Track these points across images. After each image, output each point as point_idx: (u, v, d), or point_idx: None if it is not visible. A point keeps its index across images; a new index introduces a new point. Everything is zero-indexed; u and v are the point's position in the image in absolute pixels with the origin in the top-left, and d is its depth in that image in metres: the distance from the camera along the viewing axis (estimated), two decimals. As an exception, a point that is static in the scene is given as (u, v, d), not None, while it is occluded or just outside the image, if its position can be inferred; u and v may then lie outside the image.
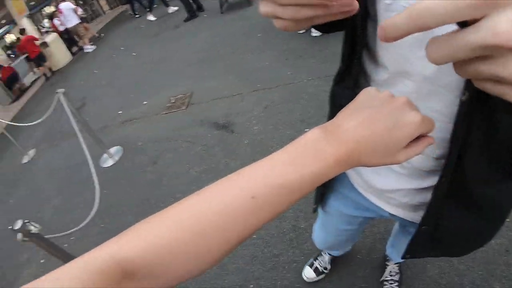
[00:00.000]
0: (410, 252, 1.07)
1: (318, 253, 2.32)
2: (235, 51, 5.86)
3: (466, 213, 0.87)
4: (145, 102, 5.71)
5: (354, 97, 0.50)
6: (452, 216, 0.88)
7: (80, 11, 12.48)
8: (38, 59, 11.26)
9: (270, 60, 5.17)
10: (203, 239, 0.41)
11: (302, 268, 2.41)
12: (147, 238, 0.41)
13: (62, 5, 11.04)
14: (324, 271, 2.27)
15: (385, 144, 0.43)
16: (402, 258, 1.08)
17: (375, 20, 0.72)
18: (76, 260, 0.39)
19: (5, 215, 4.96)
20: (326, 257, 2.27)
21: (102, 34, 12.92)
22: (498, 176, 0.78)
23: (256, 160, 0.46)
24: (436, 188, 0.82)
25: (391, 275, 2.13)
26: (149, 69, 7.00)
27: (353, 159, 0.44)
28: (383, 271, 2.18)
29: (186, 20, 8.81)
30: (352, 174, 1.13)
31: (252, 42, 5.87)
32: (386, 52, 0.74)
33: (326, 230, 1.65)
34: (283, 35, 5.49)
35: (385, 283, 2.13)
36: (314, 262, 2.30)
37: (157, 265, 0.41)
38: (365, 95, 0.48)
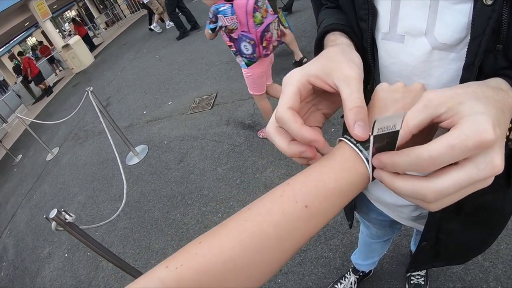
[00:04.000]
0: (414, 266, 1.07)
1: (341, 275, 2.29)
2: (259, 54, 5.84)
3: (466, 225, 0.85)
4: (170, 103, 5.76)
5: None
6: (452, 229, 0.86)
7: None
8: (37, 77, 11.69)
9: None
10: (264, 253, 0.40)
11: (329, 263, 2.41)
12: (201, 260, 0.39)
13: None
14: None
15: None
16: (406, 272, 1.08)
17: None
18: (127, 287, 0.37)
19: (29, 210, 5.05)
20: (351, 278, 2.22)
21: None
22: (495, 185, 0.74)
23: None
24: None
25: None
26: (172, 70, 7.06)
27: None
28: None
29: (179, 38, 8.94)
30: (366, 192, 1.15)
31: (276, 46, 5.88)
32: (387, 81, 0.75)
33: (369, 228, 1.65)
34: (306, 39, 5.49)
35: (412, 277, 2.12)
36: (337, 286, 2.25)
37: (215, 286, 0.39)
38: (383, 92, 0.48)
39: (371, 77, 0.76)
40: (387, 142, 0.40)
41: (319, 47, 0.73)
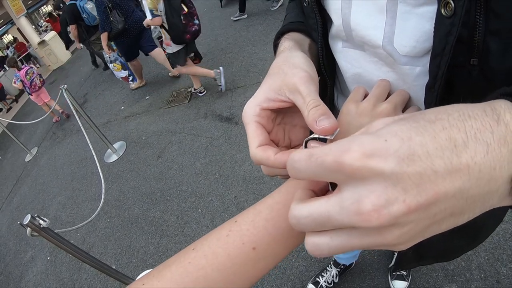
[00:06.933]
0: (399, 266, 1.06)
1: (322, 268, 2.28)
2: (236, 44, 5.81)
3: (446, 235, 0.82)
4: (147, 97, 5.67)
5: None
6: (433, 237, 0.83)
7: None
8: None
9: (272, 52, 5.07)
10: None
11: (310, 256, 2.40)
12: None
13: None
14: (329, 286, 2.20)
15: None
16: (393, 272, 1.06)
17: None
18: None
19: (10, 214, 4.96)
20: (333, 271, 2.20)
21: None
22: None
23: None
24: None
25: None
26: (149, 63, 6.87)
27: None
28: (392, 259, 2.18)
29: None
30: None
31: (253, 35, 5.81)
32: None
33: None
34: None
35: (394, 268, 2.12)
36: (319, 279, 2.23)
37: None
38: (349, 117, 0.46)
39: (327, 91, 0.71)
40: None
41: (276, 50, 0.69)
